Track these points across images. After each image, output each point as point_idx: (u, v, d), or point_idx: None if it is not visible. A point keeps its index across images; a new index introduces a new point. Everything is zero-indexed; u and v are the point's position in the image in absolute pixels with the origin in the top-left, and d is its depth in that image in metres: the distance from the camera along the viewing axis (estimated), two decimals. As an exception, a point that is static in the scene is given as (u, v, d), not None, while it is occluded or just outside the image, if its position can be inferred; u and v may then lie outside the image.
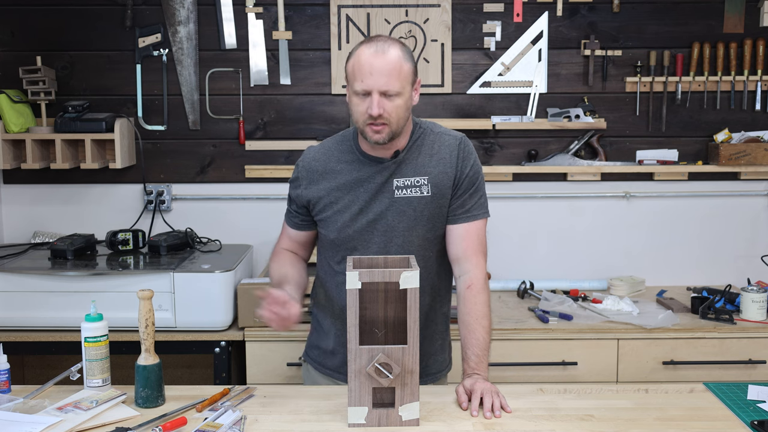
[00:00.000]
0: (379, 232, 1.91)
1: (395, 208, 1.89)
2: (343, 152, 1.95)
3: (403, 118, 1.83)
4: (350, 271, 1.62)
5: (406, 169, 1.90)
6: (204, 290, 2.58)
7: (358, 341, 1.63)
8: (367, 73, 1.77)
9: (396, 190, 1.89)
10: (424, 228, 1.91)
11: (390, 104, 1.79)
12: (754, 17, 3.09)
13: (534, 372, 2.61)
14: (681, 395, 1.87)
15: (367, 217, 1.90)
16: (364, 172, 1.91)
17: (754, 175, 3.14)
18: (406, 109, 1.84)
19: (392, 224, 1.90)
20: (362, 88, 1.79)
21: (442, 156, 1.92)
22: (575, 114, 3.08)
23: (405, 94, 1.82)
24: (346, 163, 1.93)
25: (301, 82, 3.13)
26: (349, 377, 1.65)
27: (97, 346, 1.82)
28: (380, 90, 1.78)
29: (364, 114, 1.80)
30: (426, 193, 1.90)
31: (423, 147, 1.93)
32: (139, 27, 3.08)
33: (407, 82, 1.82)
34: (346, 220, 1.91)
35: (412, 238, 1.91)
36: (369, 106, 1.78)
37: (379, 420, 1.66)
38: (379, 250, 1.91)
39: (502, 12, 3.10)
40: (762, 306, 2.67)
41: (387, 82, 1.77)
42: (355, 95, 1.81)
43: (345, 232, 1.92)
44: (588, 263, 3.20)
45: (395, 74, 1.78)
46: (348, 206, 1.91)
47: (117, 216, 3.14)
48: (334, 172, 1.93)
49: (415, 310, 1.65)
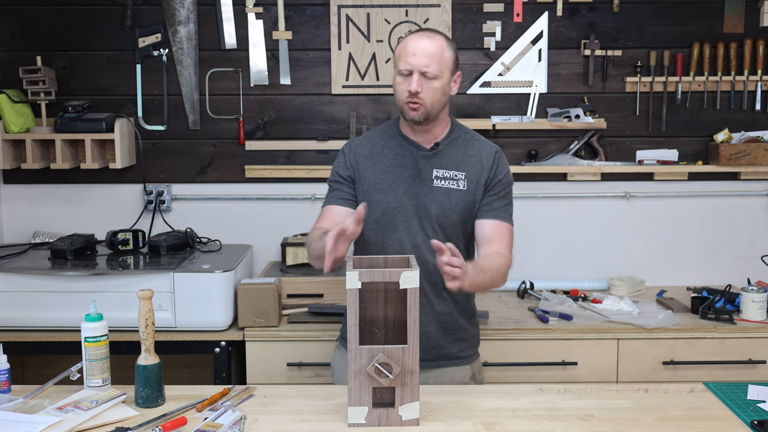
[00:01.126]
0: (417, 216, 2.04)
1: (433, 196, 2.04)
2: (386, 138, 2.12)
3: (438, 102, 1.99)
4: (350, 271, 1.62)
5: (446, 162, 2.06)
6: (204, 290, 2.58)
7: (358, 341, 1.63)
8: (411, 53, 1.95)
9: (435, 180, 2.05)
10: (456, 217, 2.05)
11: (428, 85, 1.96)
12: (754, 17, 3.09)
13: (534, 372, 2.61)
14: (681, 395, 1.87)
15: (410, 200, 2.04)
16: (407, 158, 2.07)
17: (754, 175, 3.14)
18: (443, 93, 2.00)
19: (429, 210, 2.04)
20: (405, 67, 1.96)
21: (480, 158, 2.09)
22: (575, 114, 3.08)
23: (443, 79, 1.98)
24: (390, 147, 2.09)
25: (301, 82, 3.13)
26: (349, 377, 1.65)
27: (97, 346, 1.82)
28: (420, 70, 1.94)
29: (404, 92, 1.97)
30: (462, 187, 2.05)
31: (462, 146, 2.10)
32: (139, 27, 3.08)
33: (447, 69, 1.99)
34: (391, 201, 2.04)
35: (444, 225, 2.04)
36: (409, 83, 1.95)
37: (379, 420, 1.67)
38: (415, 233, 2.03)
39: (502, 12, 3.10)
40: (762, 306, 2.67)
41: (427, 63, 1.94)
42: (399, 75, 1.99)
43: (389, 213, 2.03)
44: (588, 263, 3.20)
45: (436, 57, 1.95)
46: (393, 188, 2.05)
47: (117, 216, 3.14)
48: (380, 155, 2.09)
49: (415, 310, 1.65)
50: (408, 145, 2.08)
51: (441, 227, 2.04)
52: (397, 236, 2.04)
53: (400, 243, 2.04)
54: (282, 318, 2.70)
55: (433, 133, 2.07)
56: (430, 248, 1.98)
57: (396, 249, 2.03)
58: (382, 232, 2.05)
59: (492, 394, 1.87)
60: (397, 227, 2.04)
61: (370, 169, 2.07)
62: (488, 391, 1.92)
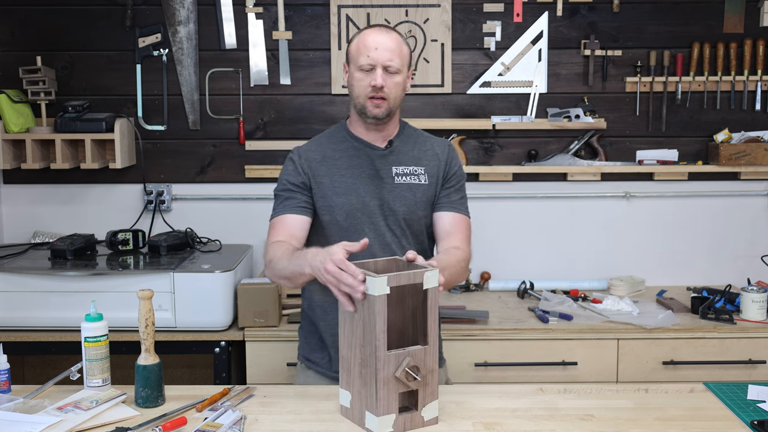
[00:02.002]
0: (382, 215, 2.01)
1: (396, 193, 2.01)
2: (335, 142, 2.07)
3: (399, 97, 1.98)
4: (379, 277, 1.55)
5: (403, 158, 2.04)
6: (204, 290, 2.58)
7: (386, 347, 1.59)
8: (372, 48, 1.93)
9: (396, 177, 2.02)
10: (422, 212, 2.03)
11: (390, 80, 1.95)
12: (754, 17, 3.09)
13: (534, 372, 2.61)
14: (681, 395, 1.87)
15: (372, 201, 2.00)
16: (362, 158, 2.02)
17: (754, 175, 3.14)
18: (402, 89, 1.99)
19: (394, 208, 2.01)
20: (367, 62, 1.93)
21: (435, 152, 2.08)
22: (575, 114, 3.08)
23: (403, 74, 1.97)
24: (342, 150, 2.04)
25: (301, 82, 3.13)
26: (378, 386, 1.59)
27: (97, 346, 1.82)
28: (384, 64, 1.93)
29: (366, 88, 1.94)
30: (424, 181, 2.04)
31: (415, 142, 2.08)
32: (139, 27, 3.08)
33: (405, 64, 1.98)
34: (354, 203, 1.99)
35: (411, 222, 2.02)
36: (373, 78, 1.93)
37: (404, 425, 1.63)
38: (383, 233, 2.00)
39: (502, 12, 3.10)
40: (762, 306, 2.67)
41: (390, 57, 1.93)
42: (359, 71, 1.95)
43: (354, 216, 1.99)
44: (588, 263, 3.20)
45: (397, 52, 1.95)
46: (352, 189, 2.00)
47: (117, 216, 3.14)
48: (332, 159, 2.03)
49: (435, 309, 1.64)
50: (361, 145, 2.03)
51: (408, 224, 2.01)
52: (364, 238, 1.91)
53: (369, 245, 1.89)
54: (282, 318, 2.70)
55: (387, 132, 2.04)
56: (399, 246, 1.99)
57: (365, 251, 1.90)
58: (348, 236, 1.95)
59: (492, 394, 1.87)
60: (363, 229, 1.98)
61: (325, 174, 2.01)
62: (488, 391, 1.92)
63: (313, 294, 2.07)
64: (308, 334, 2.12)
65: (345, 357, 1.69)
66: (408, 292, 1.68)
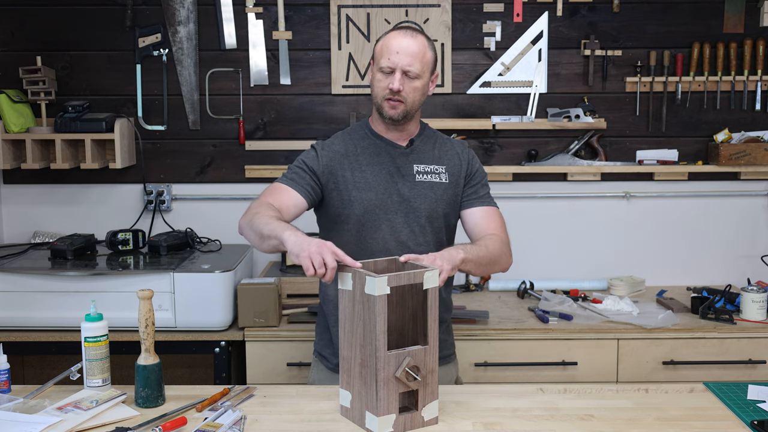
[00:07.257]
0: (402, 212, 2.02)
1: (417, 191, 2.03)
2: (357, 138, 2.08)
3: (417, 101, 2.00)
4: (379, 277, 1.56)
5: (424, 157, 2.07)
6: (204, 290, 2.58)
7: (386, 348, 1.59)
8: (394, 51, 1.94)
9: (417, 175, 2.04)
10: (442, 210, 2.05)
11: (409, 84, 1.96)
12: (754, 17, 3.09)
13: (534, 372, 2.61)
14: (681, 395, 1.87)
15: (392, 197, 2.02)
16: (384, 156, 2.04)
17: (754, 175, 3.14)
18: (422, 93, 2.00)
19: (415, 206, 2.02)
20: (387, 65, 1.95)
21: (455, 152, 2.11)
22: (575, 114, 3.08)
23: (423, 79, 1.98)
24: (364, 146, 2.06)
25: (301, 82, 3.13)
26: (378, 386, 1.60)
27: (97, 346, 1.82)
28: (403, 68, 1.94)
29: (384, 89, 1.96)
30: (444, 180, 2.06)
31: (435, 142, 2.11)
32: (139, 27, 3.08)
33: (427, 69, 1.99)
34: (372, 198, 2.01)
35: (432, 219, 2.04)
36: (391, 81, 1.95)
37: (404, 425, 1.63)
38: (399, 230, 2.01)
39: (502, 12, 3.10)
40: (762, 306, 2.67)
41: (410, 63, 1.94)
42: (380, 72, 1.97)
43: (371, 212, 2.00)
44: (588, 263, 3.20)
45: (419, 57, 1.95)
46: (372, 185, 2.01)
47: (117, 216, 3.14)
48: (354, 155, 2.05)
49: (435, 309, 1.64)
50: (382, 143, 2.06)
51: (429, 221, 2.03)
52: (381, 234, 2.00)
53: (384, 241, 2.00)
54: (282, 318, 2.70)
55: (407, 131, 2.07)
56: (415, 244, 2.00)
57: (380, 247, 1.99)
58: (364, 230, 2.00)
59: (492, 394, 1.87)
60: (380, 225, 2.00)
61: (347, 168, 2.02)
62: (488, 391, 1.92)
63: (327, 288, 2.09)
64: (322, 330, 2.15)
65: (345, 357, 1.69)
66: (408, 292, 1.68)
